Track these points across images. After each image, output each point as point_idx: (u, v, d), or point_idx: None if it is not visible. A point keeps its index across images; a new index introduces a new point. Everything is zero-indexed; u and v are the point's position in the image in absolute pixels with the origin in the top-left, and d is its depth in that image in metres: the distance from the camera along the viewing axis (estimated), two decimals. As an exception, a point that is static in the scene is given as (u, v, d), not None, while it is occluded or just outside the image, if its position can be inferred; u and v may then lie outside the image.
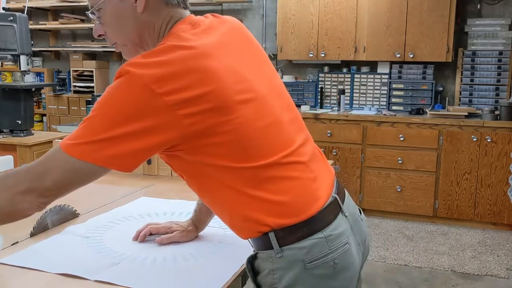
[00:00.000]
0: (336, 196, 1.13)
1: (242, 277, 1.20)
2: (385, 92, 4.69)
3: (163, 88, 0.95)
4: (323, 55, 4.66)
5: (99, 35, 1.16)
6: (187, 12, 1.16)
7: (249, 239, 1.14)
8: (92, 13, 1.13)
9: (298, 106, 4.63)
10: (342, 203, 1.15)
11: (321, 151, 1.24)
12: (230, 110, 1.01)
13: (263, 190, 1.05)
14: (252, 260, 1.10)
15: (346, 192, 1.22)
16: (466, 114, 4.16)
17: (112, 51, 5.73)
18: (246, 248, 1.28)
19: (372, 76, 4.72)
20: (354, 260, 1.12)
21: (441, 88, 4.55)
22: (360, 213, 1.25)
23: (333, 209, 1.11)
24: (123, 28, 1.12)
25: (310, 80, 5.02)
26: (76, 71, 5.69)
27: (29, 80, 5.38)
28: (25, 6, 3.87)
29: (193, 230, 1.38)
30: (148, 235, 1.36)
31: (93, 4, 1.11)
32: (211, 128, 1.00)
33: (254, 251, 1.12)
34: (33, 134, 3.49)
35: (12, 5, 5.18)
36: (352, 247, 1.12)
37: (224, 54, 1.06)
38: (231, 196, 1.06)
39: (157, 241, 1.33)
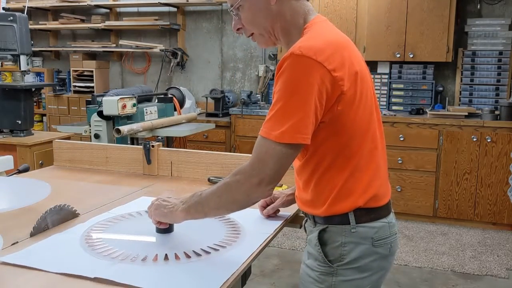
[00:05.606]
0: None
1: (242, 277, 1.20)
2: (385, 92, 4.69)
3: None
4: (323, 55, 4.65)
5: (238, 29, 1.33)
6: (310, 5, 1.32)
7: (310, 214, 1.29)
8: (232, 11, 1.29)
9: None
10: None
11: None
12: None
13: (366, 173, 1.23)
14: (321, 232, 1.25)
15: None
16: (466, 114, 4.17)
17: (112, 51, 5.72)
18: (246, 249, 1.28)
19: (372, 76, 4.71)
20: (397, 249, 1.33)
21: (441, 88, 4.55)
22: None
23: (390, 204, 1.33)
24: (258, 19, 1.27)
25: (310, 80, 5.01)
26: (76, 71, 5.69)
27: (29, 80, 5.40)
28: (25, 6, 3.87)
29: (293, 199, 1.49)
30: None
31: (233, 3, 1.26)
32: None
33: (315, 224, 1.27)
34: (33, 134, 3.49)
35: (12, 5, 5.17)
36: (398, 238, 1.34)
37: None
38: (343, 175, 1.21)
39: (264, 214, 1.51)
